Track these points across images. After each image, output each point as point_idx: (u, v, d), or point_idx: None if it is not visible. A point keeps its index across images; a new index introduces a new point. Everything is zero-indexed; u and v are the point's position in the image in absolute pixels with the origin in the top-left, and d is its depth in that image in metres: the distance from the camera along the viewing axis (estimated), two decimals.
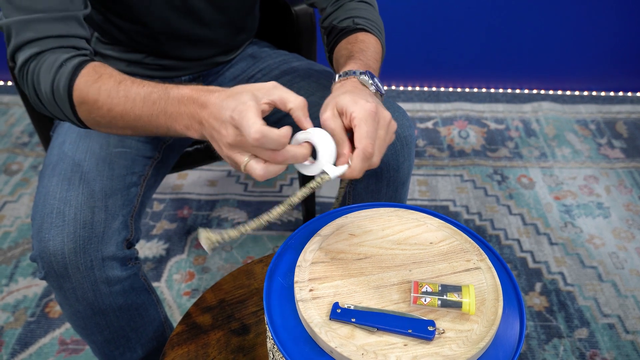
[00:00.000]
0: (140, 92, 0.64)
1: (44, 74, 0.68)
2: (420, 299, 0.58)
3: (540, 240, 1.50)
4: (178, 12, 0.88)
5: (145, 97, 0.64)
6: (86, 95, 0.67)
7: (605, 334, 1.26)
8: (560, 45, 2.04)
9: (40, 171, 0.85)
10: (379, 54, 0.83)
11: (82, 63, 0.69)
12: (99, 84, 0.66)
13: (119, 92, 0.65)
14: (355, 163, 0.60)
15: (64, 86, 0.68)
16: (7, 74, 2.20)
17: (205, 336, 0.77)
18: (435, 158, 1.82)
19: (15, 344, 1.25)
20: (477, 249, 0.65)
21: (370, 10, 0.88)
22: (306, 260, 0.63)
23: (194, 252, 1.47)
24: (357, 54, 0.78)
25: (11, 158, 1.82)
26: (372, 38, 0.83)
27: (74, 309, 0.79)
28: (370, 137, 0.60)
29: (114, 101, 0.66)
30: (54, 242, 0.73)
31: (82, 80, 0.67)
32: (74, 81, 0.67)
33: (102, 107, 0.67)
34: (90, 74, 0.67)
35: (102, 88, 0.66)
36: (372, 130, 0.60)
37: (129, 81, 0.66)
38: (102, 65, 0.69)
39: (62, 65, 0.68)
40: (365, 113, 0.60)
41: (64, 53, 0.69)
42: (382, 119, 0.62)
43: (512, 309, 0.61)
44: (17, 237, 1.51)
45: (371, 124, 0.60)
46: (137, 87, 0.65)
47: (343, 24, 0.85)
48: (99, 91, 0.66)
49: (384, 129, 0.63)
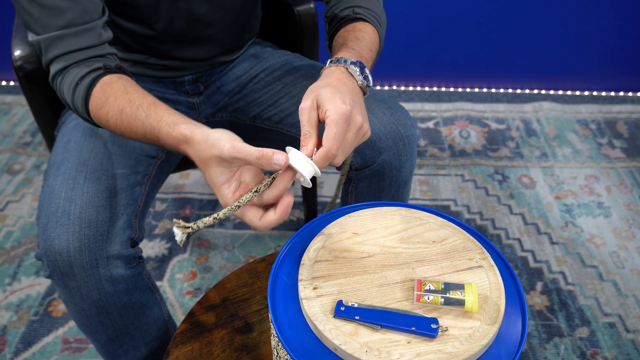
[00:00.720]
0: (139, 129, 0.70)
1: (67, 91, 0.76)
2: (424, 297, 0.58)
3: (541, 240, 1.51)
4: (182, 13, 0.89)
5: (144, 135, 0.70)
6: (98, 118, 0.75)
7: (606, 333, 1.27)
8: (561, 45, 2.05)
9: (45, 170, 0.86)
10: (375, 44, 0.84)
11: (94, 81, 0.74)
12: (106, 109, 0.73)
13: (123, 123, 0.71)
14: (316, 159, 0.63)
15: (81, 106, 0.76)
16: (9, 73, 2.20)
17: (209, 334, 0.78)
18: (436, 158, 1.82)
19: (18, 343, 1.25)
20: (479, 248, 0.66)
21: (373, 2, 0.89)
22: (310, 259, 0.64)
23: (196, 251, 1.48)
24: (352, 43, 0.79)
25: (14, 158, 1.82)
26: (369, 28, 0.85)
27: (78, 307, 0.80)
28: (337, 139, 0.62)
29: (120, 128, 0.73)
30: (59, 240, 0.74)
31: (94, 102, 0.74)
32: (88, 102, 0.75)
33: (115, 130, 0.74)
34: (99, 95, 0.73)
35: (109, 114, 0.72)
36: (341, 133, 0.63)
37: (128, 109, 0.71)
38: (110, 82, 0.74)
39: (78, 85, 0.75)
40: (339, 115, 0.63)
41: (84, 67, 0.75)
42: (353, 122, 0.65)
43: (514, 307, 0.61)
44: (20, 237, 1.52)
45: (341, 126, 0.63)
46: (135, 122, 0.70)
47: (343, 13, 0.87)
48: (107, 117, 0.73)
49: (353, 132, 0.65)
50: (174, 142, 0.66)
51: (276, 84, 1.02)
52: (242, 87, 1.04)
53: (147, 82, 0.99)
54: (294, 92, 0.99)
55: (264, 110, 1.02)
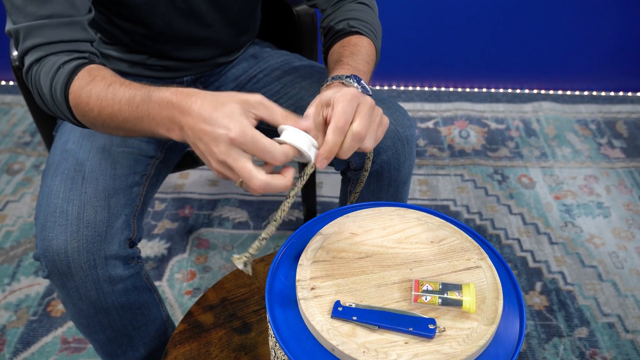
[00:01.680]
0: (126, 94, 0.65)
1: (44, 76, 0.70)
2: (421, 297, 0.58)
3: (541, 240, 1.51)
4: (181, 14, 0.89)
5: (130, 100, 0.64)
6: (79, 98, 0.68)
7: (605, 333, 1.27)
8: (561, 45, 2.05)
9: (44, 170, 0.86)
10: (371, 57, 0.83)
11: (79, 66, 0.70)
12: (91, 86, 0.67)
13: (107, 95, 0.66)
14: (327, 136, 0.59)
15: (60, 89, 0.69)
16: (8, 73, 2.20)
17: (207, 335, 0.78)
18: (435, 158, 1.82)
19: (17, 343, 1.25)
20: (477, 248, 0.66)
21: (368, 12, 0.88)
22: (308, 259, 0.64)
23: (195, 251, 1.48)
24: (346, 59, 0.79)
25: (13, 158, 1.82)
26: (365, 41, 0.84)
27: (77, 308, 0.80)
28: (345, 113, 0.59)
29: (103, 103, 0.67)
30: (57, 240, 0.74)
31: (77, 83, 0.69)
32: (70, 84, 0.69)
33: (93, 110, 0.68)
34: (84, 76, 0.69)
35: (93, 91, 0.67)
36: (349, 107, 0.60)
37: (118, 83, 0.67)
38: (98, 68, 0.70)
39: (60, 68, 0.69)
40: (344, 94, 0.61)
41: (65, 56, 0.70)
42: (363, 102, 0.62)
43: (512, 307, 0.61)
44: (19, 237, 1.52)
45: (349, 103, 0.60)
46: (124, 90, 0.65)
47: (339, 26, 0.86)
48: (90, 94, 0.67)
49: (367, 107, 0.62)
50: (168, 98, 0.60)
51: (275, 84, 1.02)
52: (240, 88, 1.04)
53: (145, 83, 0.99)
54: (293, 92, 0.99)
55: None
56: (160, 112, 0.61)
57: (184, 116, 0.58)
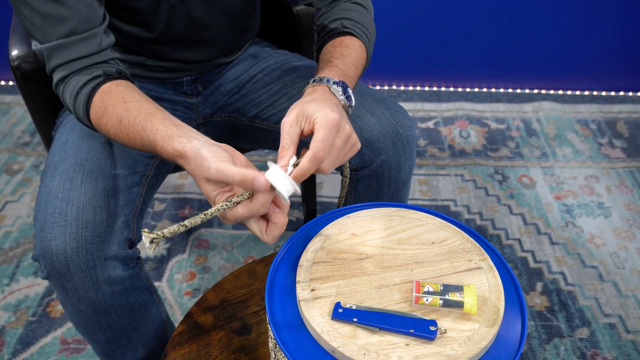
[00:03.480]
0: (137, 140, 0.70)
1: (69, 98, 0.76)
2: (422, 299, 0.58)
3: (541, 240, 1.50)
4: (180, 17, 0.88)
5: (143, 146, 0.70)
6: (99, 127, 0.75)
7: (606, 334, 1.26)
8: (561, 44, 2.04)
9: (43, 171, 0.85)
10: (361, 61, 0.83)
11: (94, 89, 0.74)
12: (105, 119, 0.73)
13: (122, 133, 0.71)
14: (302, 163, 0.62)
15: (83, 116, 0.76)
16: (8, 74, 2.20)
17: (207, 336, 0.78)
18: (436, 158, 1.82)
19: (16, 344, 1.25)
20: (478, 249, 0.65)
21: (363, 13, 0.87)
22: (308, 260, 0.64)
23: (195, 251, 1.47)
24: (336, 60, 0.79)
25: (12, 158, 1.82)
26: (357, 43, 0.83)
27: (75, 309, 0.79)
28: (324, 142, 0.62)
29: (120, 139, 0.73)
30: (56, 241, 0.73)
31: (94, 112, 0.74)
32: (89, 112, 0.75)
33: (110, 131, 0.74)
34: (98, 105, 0.74)
35: (109, 125, 0.73)
36: (329, 137, 0.62)
37: (126, 120, 0.70)
38: (109, 91, 0.74)
39: (78, 93, 0.75)
40: (327, 120, 0.63)
41: (85, 75, 0.75)
42: (342, 130, 0.65)
43: (514, 308, 0.61)
44: (18, 237, 1.52)
45: (330, 131, 0.62)
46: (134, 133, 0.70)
47: (332, 25, 0.85)
48: (107, 127, 0.73)
49: (341, 139, 0.65)
50: (170, 157, 0.66)
51: (275, 84, 1.01)
52: (240, 87, 1.04)
53: (145, 83, 0.99)
54: (293, 92, 0.99)
55: (262, 110, 1.02)
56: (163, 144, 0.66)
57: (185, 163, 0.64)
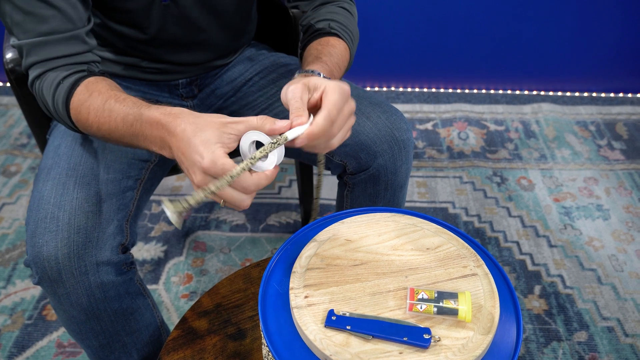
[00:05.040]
0: (120, 112, 0.67)
1: (46, 91, 0.74)
2: (416, 306, 0.57)
3: (540, 243, 1.50)
4: (174, 19, 0.88)
5: (124, 119, 0.67)
6: (79, 114, 0.72)
7: (604, 337, 1.26)
8: (560, 46, 2.04)
9: (36, 175, 0.85)
10: (345, 62, 0.85)
11: (77, 80, 0.73)
12: (89, 102, 0.70)
13: (104, 112, 0.69)
14: (318, 119, 0.60)
15: (62, 104, 0.73)
16: (3, 75, 2.19)
17: (201, 341, 0.77)
18: (434, 159, 1.81)
19: (12, 347, 1.24)
20: (474, 255, 0.65)
21: (349, 18, 0.90)
22: (302, 267, 0.63)
23: (192, 254, 1.47)
24: (324, 57, 0.80)
25: (9, 159, 1.81)
26: (342, 45, 0.86)
27: (68, 314, 0.79)
28: (337, 105, 0.61)
29: (101, 120, 0.69)
30: (48, 247, 0.73)
31: (76, 99, 0.72)
32: (70, 99, 0.72)
33: (93, 125, 0.71)
34: (82, 92, 0.71)
35: (91, 107, 0.70)
36: (340, 102, 0.61)
37: (113, 99, 0.69)
38: (95, 81, 0.73)
39: (60, 84, 0.73)
40: (339, 87, 0.62)
41: (63, 71, 0.73)
42: (350, 102, 0.64)
43: (509, 315, 0.60)
44: (15, 240, 1.51)
45: (342, 96, 0.62)
46: (119, 107, 0.68)
47: (319, 25, 0.88)
48: (89, 110, 0.70)
49: (349, 110, 0.64)
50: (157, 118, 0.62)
51: (271, 87, 1.01)
52: (236, 90, 1.03)
53: (140, 85, 0.98)
54: None
55: (258, 113, 1.01)
56: (152, 132, 0.64)
57: (171, 137, 0.61)
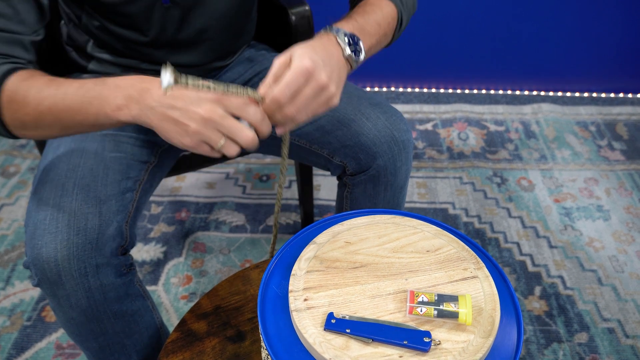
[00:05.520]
0: (74, 83, 0.67)
1: None
2: (416, 309, 0.57)
3: (540, 243, 1.49)
4: (174, 20, 0.87)
5: (80, 86, 0.66)
6: (15, 94, 0.68)
7: (605, 339, 1.26)
8: (560, 46, 2.03)
9: (35, 176, 0.84)
10: (387, 19, 0.80)
11: (15, 68, 0.70)
12: (30, 81, 0.68)
13: (50, 88, 0.67)
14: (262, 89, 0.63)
15: None
16: None
17: (201, 343, 0.77)
18: (434, 160, 1.81)
19: (11, 349, 1.24)
20: (474, 257, 0.64)
21: None
22: (301, 269, 0.63)
23: (191, 255, 1.46)
24: (356, 16, 0.77)
25: (9, 160, 1.81)
26: (389, 6, 0.81)
27: (67, 316, 0.79)
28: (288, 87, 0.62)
29: (43, 94, 0.67)
30: (47, 249, 0.73)
31: (12, 80, 0.69)
32: (3, 83, 0.69)
33: (30, 103, 0.68)
34: (22, 75, 0.69)
35: (33, 85, 0.68)
36: (293, 82, 0.62)
37: (62, 79, 0.68)
38: (38, 71, 0.71)
39: None
40: (297, 66, 0.62)
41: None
42: (314, 80, 0.64)
43: (510, 318, 0.60)
44: (14, 240, 1.51)
45: (296, 76, 0.62)
46: (70, 81, 0.67)
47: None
48: (29, 87, 0.68)
49: (312, 89, 0.64)
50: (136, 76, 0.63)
51: None
52: None
53: None
54: None
55: None
56: (116, 92, 0.63)
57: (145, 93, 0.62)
